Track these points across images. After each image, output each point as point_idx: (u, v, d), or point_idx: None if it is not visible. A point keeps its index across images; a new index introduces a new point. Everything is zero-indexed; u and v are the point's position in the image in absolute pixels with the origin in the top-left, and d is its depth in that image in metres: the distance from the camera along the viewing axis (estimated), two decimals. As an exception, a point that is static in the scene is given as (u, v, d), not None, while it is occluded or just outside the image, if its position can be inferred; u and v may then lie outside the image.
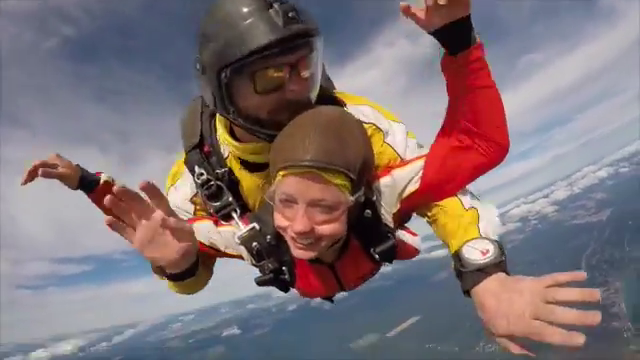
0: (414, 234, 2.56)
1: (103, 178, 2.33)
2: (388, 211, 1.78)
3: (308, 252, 1.54)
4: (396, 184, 1.73)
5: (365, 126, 1.78)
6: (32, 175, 2.12)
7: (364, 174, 1.51)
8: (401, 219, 1.95)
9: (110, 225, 1.41)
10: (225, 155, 1.94)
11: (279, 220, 1.53)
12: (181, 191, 2.02)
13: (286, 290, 2.07)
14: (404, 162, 1.82)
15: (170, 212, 1.46)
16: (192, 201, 2.01)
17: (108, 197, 1.35)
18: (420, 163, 1.73)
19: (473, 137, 1.65)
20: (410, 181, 1.73)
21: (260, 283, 1.90)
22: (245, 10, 1.47)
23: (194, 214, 2.02)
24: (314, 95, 1.70)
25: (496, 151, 1.68)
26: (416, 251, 2.51)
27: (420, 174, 1.71)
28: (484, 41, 1.53)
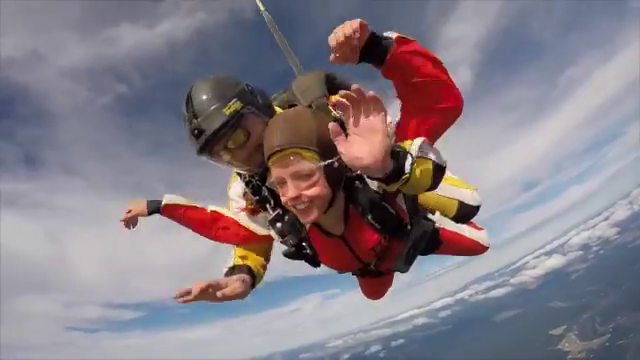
0: (478, 228, 2.90)
1: (164, 202, 2.97)
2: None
3: (307, 214, 2.07)
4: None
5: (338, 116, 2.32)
6: (126, 224, 3.00)
7: (326, 145, 1.94)
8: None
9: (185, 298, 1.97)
10: None
11: (282, 199, 2.07)
12: (236, 189, 2.82)
13: (314, 264, 2.62)
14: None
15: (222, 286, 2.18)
16: (244, 197, 2.77)
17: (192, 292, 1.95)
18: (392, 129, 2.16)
19: (435, 109, 2.05)
20: None
21: (286, 255, 2.51)
22: (183, 125, 2.29)
23: (246, 206, 2.80)
24: (258, 141, 2.22)
25: (455, 114, 2.12)
26: (480, 246, 2.85)
27: (394, 136, 2.13)
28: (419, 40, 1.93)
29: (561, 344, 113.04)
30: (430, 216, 2.51)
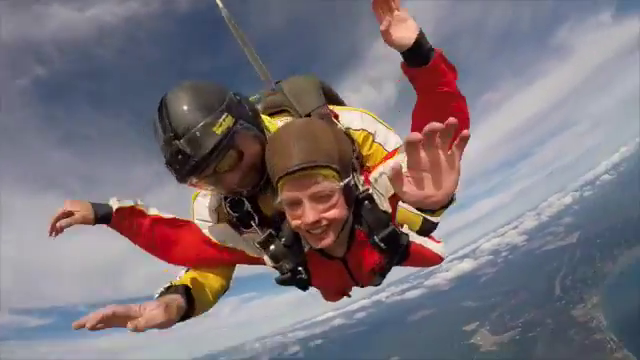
0: (437, 241, 2.97)
1: (114, 206, 2.26)
2: (384, 197, 2.07)
3: (325, 239, 1.87)
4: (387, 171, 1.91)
5: (357, 133, 2.31)
6: (56, 230, 2.08)
7: (345, 163, 1.84)
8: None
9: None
10: None
11: (292, 222, 1.86)
12: (208, 201, 2.40)
13: (305, 288, 2.37)
14: (392, 153, 2.19)
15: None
16: (217, 211, 2.38)
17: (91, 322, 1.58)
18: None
19: None
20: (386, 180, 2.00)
21: (280, 282, 2.20)
22: (160, 147, 1.93)
23: (217, 223, 2.38)
24: (249, 163, 1.99)
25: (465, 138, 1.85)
26: (437, 257, 2.92)
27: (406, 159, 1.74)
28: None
29: (474, 339, 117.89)
30: (403, 230, 2.29)
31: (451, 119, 1.29)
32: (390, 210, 2.10)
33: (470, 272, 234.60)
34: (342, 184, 1.79)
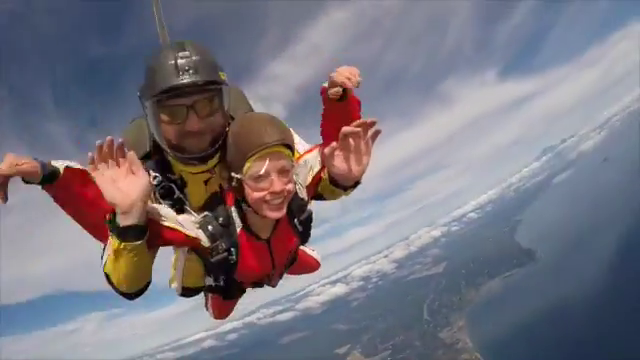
0: (312, 249, 3.47)
1: (61, 166, 2.07)
2: (303, 186, 2.43)
3: (280, 210, 2.14)
4: (307, 164, 2.44)
5: None
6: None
7: (293, 148, 2.19)
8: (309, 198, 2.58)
9: (91, 162, 1.80)
10: (172, 163, 2.43)
11: (255, 194, 2.08)
12: None
13: (228, 276, 2.46)
14: (308, 151, 2.54)
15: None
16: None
17: (99, 143, 1.77)
18: (317, 151, 2.47)
19: None
20: (315, 162, 2.44)
21: (214, 264, 2.29)
22: (161, 59, 2.10)
23: None
24: (216, 126, 2.24)
25: None
26: (317, 263, 3.43)
27: (319, 157, 2.43)
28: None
29: None
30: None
31: (373, 118, 2.09)
32: (307, 197, 2.46)
33: (342, 296, 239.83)
34: (295, 164, 2.18)
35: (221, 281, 2.48)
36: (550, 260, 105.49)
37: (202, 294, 3.00)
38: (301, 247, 2.89)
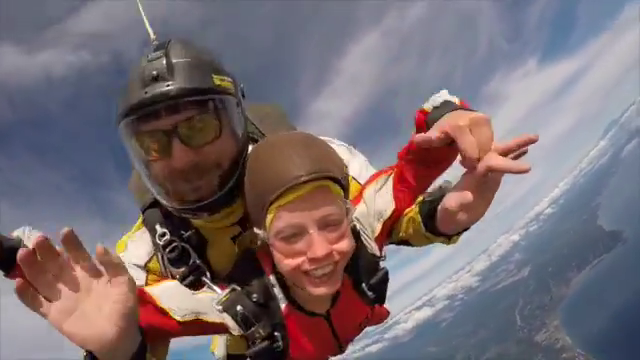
0: None
1: (21, 236, 1.34)
2: (370, 237, 1.61)
3: (330, 283, 1.36)
4: (368, 206, 1.61)
5: None
6: None
7: (348, 185, 1.43)
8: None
9: (20, 290, 0.97)
10: None
11: (287, 261, 1.32)
12: (133, 255, 1.67)
13: None
14: (371, 180, 1.66)
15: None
16: (146, 268, 1.67)
17: (22, 253, 0.96)
18: (387, 180, 1.60)
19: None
20: (381, 200, 1.60)
21: (255, 357, 1.53)
22: (132, 68, 1.39)
23: (145, 284, 1.64)
24: (220, 157, 1.43)
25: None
26: (387, 312, 2.45)
27: (391, 191, 1.58)
28: None
29: None
30: None
31: (534, 135, 1.16)
32: (377, 252, 1.63)
33: (429, 319, 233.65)
34: (350, 206, 1.38)
35: None
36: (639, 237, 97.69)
37: None
38: None
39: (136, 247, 1.67)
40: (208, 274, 1.59)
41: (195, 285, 1.55)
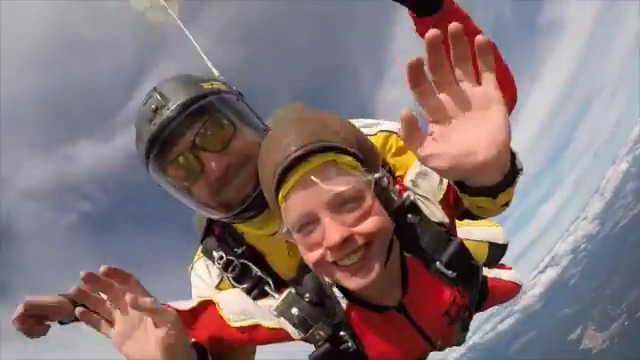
0: (507, 267, 2.37)
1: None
2: (434, 202, 1.44)
3: (363, 274, 1.17)
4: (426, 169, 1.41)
5: (374, 137, 1.75)
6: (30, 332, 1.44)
7: (369, 152, 1.30)
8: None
9: (83, 314, 1.22)
10: (241, 232, 1.74)
11: (309, 255, 1.20)
12: (203, 283, 1.81)
13: None
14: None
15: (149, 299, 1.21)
16: (220, 289, 1.79)
17: (85, 275, 1.17)
18: None
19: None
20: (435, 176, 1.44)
21: (318, 358, 1.44)
22: (136, 122, 1.49)
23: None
24: (248, 148, 1.48)
25: (511, 106, 1.48)
26: (516, 286, 2.33)
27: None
28: None
29: (583, 344, 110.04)
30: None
31: (479, 37, 0.94)
32: (447, 219, 1.44)
33: (557, 280, 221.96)
34: (372, 177, 1.18)
35: None
36: None
37: None
38: (492, 272, 2.06)
39: (203, 274, 1.79)
40: (271, 284, 1.59)
41: (261, 296, 1.59)
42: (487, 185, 1.10)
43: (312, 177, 1.11)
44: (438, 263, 1.37)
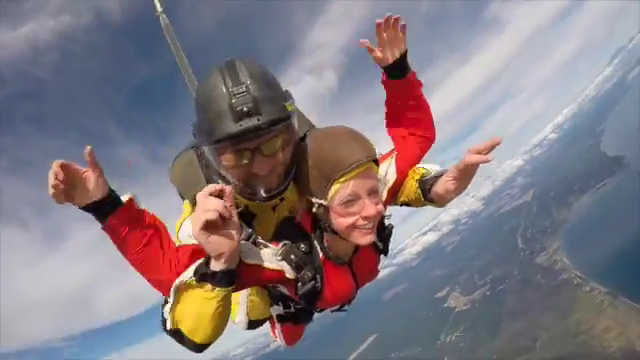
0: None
1: (125, 197, 1.89)
2: (385, 189, 2.21)
3: (371, 234, 1.92)
4: (383, 175, 2.15)
5: None
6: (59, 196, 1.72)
7: (376, 163, 1.97)
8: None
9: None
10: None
11: (344, 220, 1.87)
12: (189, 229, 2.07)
13: (312, 306, 2.28)
14: (381, 159, 2.23)
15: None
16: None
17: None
18: (391, 160, 2.31)
19: (417, 137, 2.47)
20: (391, 172, 2.27)
21: (305, 294, 2.03)
22: (212, 94, 1.74)
23: None
24: (287, 160, 1.92)
25: (429, 144, 2.54)
26: (378, 271, 2.84)
27: (394, 167, 2.29)
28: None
29: (447, 302, 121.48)
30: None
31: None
32: (385, 212, 2.14)
33: (435, 244, 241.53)
34: (382, 181, 2.00)
35: (292, 308, 2.49)
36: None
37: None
38: None
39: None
40: (259, 238, 2.00)
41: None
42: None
43: (366, 174, 1.83)
44: (378, 237, 2.13)
